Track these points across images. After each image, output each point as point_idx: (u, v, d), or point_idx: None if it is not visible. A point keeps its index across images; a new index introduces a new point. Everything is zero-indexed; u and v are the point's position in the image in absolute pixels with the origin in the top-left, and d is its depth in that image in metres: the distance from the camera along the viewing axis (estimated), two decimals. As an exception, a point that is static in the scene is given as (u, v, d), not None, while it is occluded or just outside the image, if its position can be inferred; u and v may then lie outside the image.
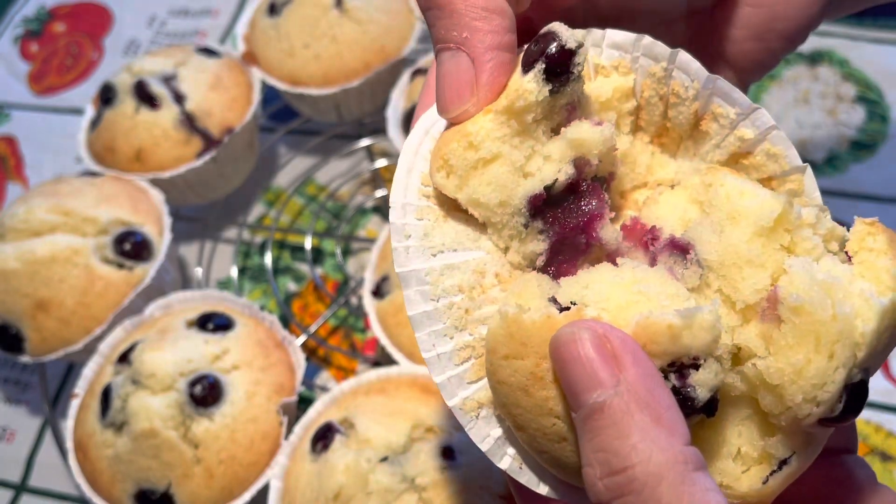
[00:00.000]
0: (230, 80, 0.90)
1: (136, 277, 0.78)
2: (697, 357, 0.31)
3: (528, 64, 0.36)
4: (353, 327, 0.87)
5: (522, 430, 0.34)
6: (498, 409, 0.35)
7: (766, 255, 0.33)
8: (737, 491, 0.34)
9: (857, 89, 0.98)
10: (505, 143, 0.36)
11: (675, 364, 0.31)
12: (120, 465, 0.67)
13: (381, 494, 0.59)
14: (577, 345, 0.31)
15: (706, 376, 0.31)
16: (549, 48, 0.35)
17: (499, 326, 0.33)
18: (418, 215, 0.37)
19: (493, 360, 0.34)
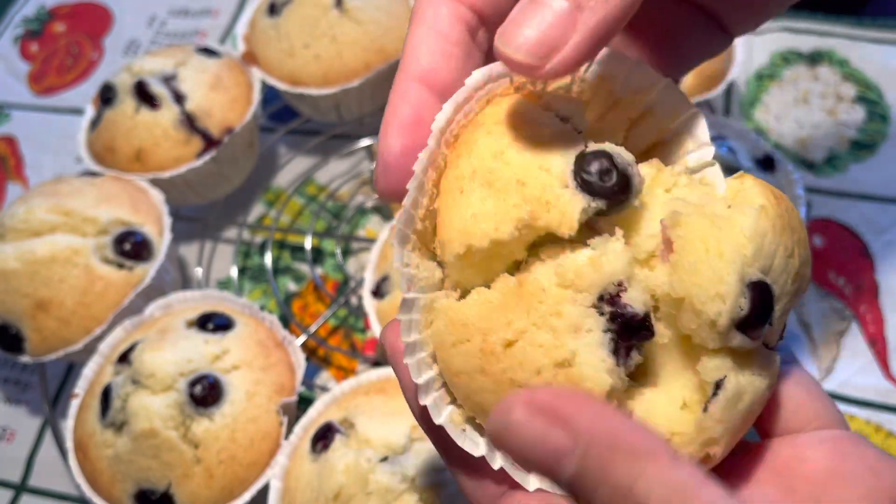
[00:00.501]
0: (230, 80, 0.90)
1: (136, 277, 0.78)
2: (621, 283, 0.32)
3: (588, 190, 0.33)
4: (353, 327, 0.87)
5: None
6: (468, 409, 0.35)
7: (653, 209, 0.35)
8: (686, 435, 0.33)
9: (857, 89, 0.98)
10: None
11: (604, 296, 0.32)
12: (120, 465, 0.67)
13: (381, 494, 0.59)
14: (517, 428, 0.28)
15: (635, 294, 0.33)
16: (614, 185, 0.33)
17: (439, 321, 0.34)
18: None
19: (444, 357, 0.34)
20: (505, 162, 0.34)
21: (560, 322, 0.32)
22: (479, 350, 0.33)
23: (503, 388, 0.33)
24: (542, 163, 0.33)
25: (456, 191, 0.34)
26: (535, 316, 0.33)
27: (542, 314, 0.32)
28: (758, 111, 0.97)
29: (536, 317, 0.33)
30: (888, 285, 0.83)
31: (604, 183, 0.33)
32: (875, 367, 0.78)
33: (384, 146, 0.35)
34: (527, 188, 0.33)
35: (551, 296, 0.33)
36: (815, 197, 0.89)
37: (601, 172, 0.33)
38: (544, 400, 0.29)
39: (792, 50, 1.02)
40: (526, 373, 0.32)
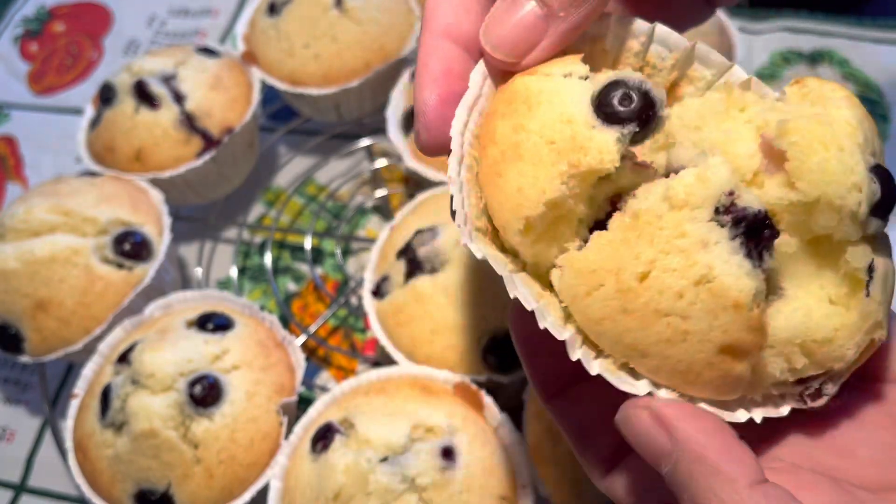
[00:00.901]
0: (230, 80, 0.90)
1: (135, 277, 0.78)
2: (731, 192, 0.32)
3: (611, 120, 0.34)
4: (353, 327, 0.87)
5: (648, 356, 0.34)
6: (619, 355, 0.35)
7: (738, 131, 0.35)
8: (850, 326, 0.34)
9: (858, 89, 0.97)
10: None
11: (719, 208, 0.32)
12: (120, 465, 0.67)
13: (381, 495, 0.59)
14: (634, 421, 0.33)
15: (748, 197, 0.33)
16: (636, 105, 0.34)
17: (566, 275, 0.34)
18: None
19: (580, 308, 0.34)
20: (527, 132, 0.34)
21: (686, 242, 0.32)
22: (615, 291, 0.33)
23: (650, 322, 0.33)
24: (561, 117, 0.34)
25: (494, 177, 0.35)
26: (660, 243, 0.33)
27: (667, 239, 0.33)
28: (758, 111, 0.97)
29: (662, 243, 0.33)
30: None
31: (626, 107, 0.34)
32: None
33: (421, 101, 0.37)
34: (557, 144, 0.34)
35: (669, 220, 0.33)
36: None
37: (621, 99, 0.34)
38: (660, 406, 0.33)
39: (792, 50, 1.02)
40: (668, 299, 0.32)
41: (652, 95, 0.34)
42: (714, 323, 0.32)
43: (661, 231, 0.33)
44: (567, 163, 0.33)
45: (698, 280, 0.32)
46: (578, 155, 0.33)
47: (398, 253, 0.75)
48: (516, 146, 0.34)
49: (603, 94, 0.34)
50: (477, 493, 0.61)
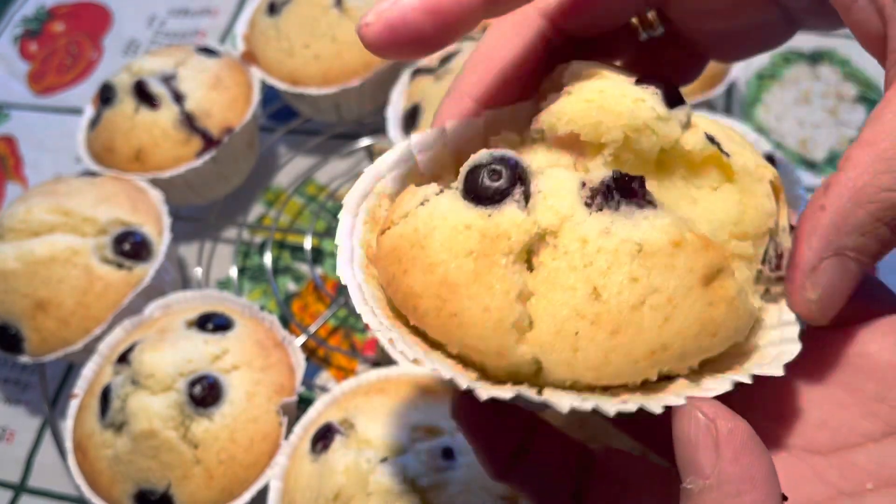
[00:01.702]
0: (230, 80, 0.90)
1: (135, 277, 0.78)
2: (582, 183, 0.34)
3: (494, 198, 0.33)
4: (353, 327, 0.87)
5: (669, 347, 0.32)
6: (641, 374, 0.34)
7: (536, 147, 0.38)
8: (747, 189, 0.37)
9: (858, 89, 0.97)
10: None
11: (587, 201, 0.34)
12: (119, 465, 0.67)
13: (381, 495, 0.59)
14: (689, 423, 0.30)
15: (595, 174, 0.35)
16: (506, 176, 0.34)
17: (544, 348, 0.33)
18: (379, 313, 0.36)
19: (576, 363, 0.33)
20: (443, 265, 0.33)
21: (593, 242, 0.33)
22: (590, 325, 0.32)
23: (637, 322, 0.32)
24: (455, 230, 0.34)
25: (448, 320, 0.33)
26: (579, 262, 0.33)
27: (581, 255, 0.33)
28: (759, 111, 0.97)
29: (581, 261, 0.33)
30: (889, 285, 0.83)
31: (496, 181, 0.34)
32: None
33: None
34: (476, 250, 0.33)
35: (565, 241, 0.33)
36: (816, 197, 0.89)
37: (489, 178, 0.34)
38: (721, 426, 0.30)
39: (793, 49, 1.02)
40: (630, 290, 0.32)
41: (512, 160, 0.34)
42: (678, 271, 0.32)
43: (571, 253, 0.32)
44: (501, 255, 0.32)
45: (634, 255, 0.32)
46: (502, 242, 0.32)
47: (398, 253, 0.75)
48: (444, 284, 0.33)
49: (469, 182, 0.34)
50: (477, 493, 0.61)
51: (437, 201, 0.34)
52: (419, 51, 0.33)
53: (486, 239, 0.32)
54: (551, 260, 0.32)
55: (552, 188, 0.33)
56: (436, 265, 0.33)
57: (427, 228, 0.34)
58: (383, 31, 0.32)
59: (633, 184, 0.33)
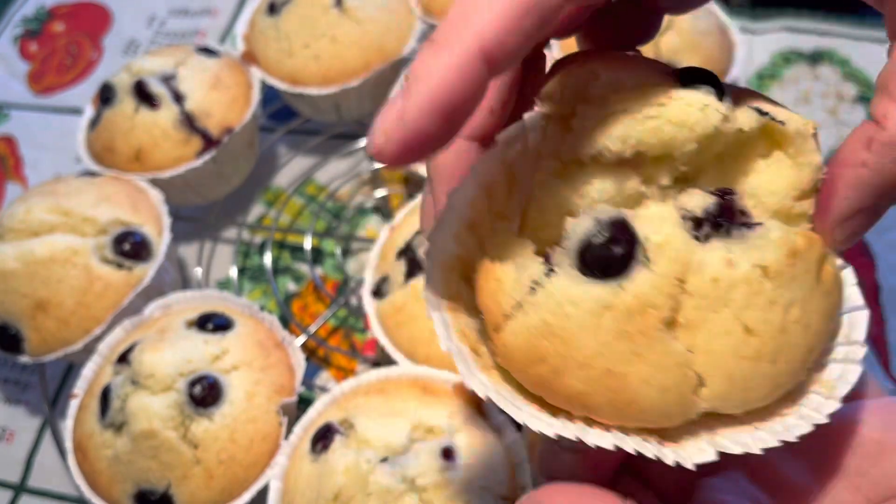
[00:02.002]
0: (230, 80, 0.90)
1: (135, 277, 0.78)
2: (683, 214, 0.33)
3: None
4: (352, 327, 0.87)
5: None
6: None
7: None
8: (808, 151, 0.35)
9: (858, 89, 0.97)
10: None
11: (697, 236, 0.32)
12: (119, 465, 0.67)
13: (380, 495, 0.59)
14: None
15: (693, 200, 0.33)
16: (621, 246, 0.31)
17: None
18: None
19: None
20: (602, 356, 0.32)
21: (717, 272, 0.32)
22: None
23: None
24: (626, 308, 0.32)
25: (615, 396, 0.32)
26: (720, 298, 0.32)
27: (717, 290, 0.32)
28: (758, 111, 0.97)
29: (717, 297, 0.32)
30: (889, 285, 0.83)
31: (613, 252, 0.31)
32: (876, 367, 0.78)
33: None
34: (627, 324, 0.31)
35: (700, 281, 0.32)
36: (816, 197, 0.89)
37: (602, 250, 0.31)
38: None
39: (793, 50, 1.02)
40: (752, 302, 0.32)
41: (619, 221, 0.32)
42: (800, 278, 0.32)
43: (709, 297, 0.31)
44: (655, 328, 0.31)
45: (763, 279, 0.31)
46: (649, 313, 0.31)
47: (398, 253, 0.75)
48: (610, 374, 0.31)
49: (587, 259, 0.31)
50: (477, 493, 0.61)
51: (553, 285, 0.31)
52: (436, 151, 0.33)
53: (633, 315, 0.31)
54: (694, 310, 0.31)
55: (659, 232, 0.31)
56: (592, 358, 0.31)
57: (560, 319, 0.31)
58: (398, 151, 0.30)
59: (732, 202, 0.32)
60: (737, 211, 0.33)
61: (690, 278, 0.31)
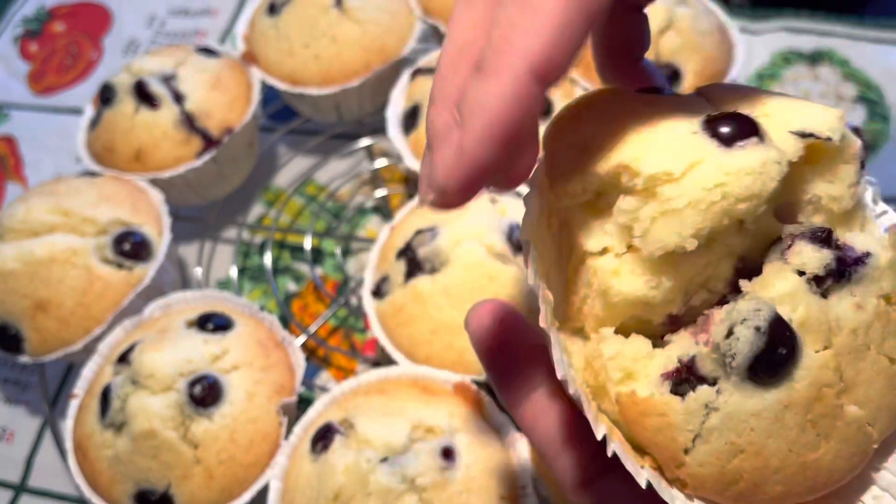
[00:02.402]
0: (230, 80, 0.90)
1: (135, 278, 0.78)
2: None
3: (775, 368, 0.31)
4: (352, 327, 0.87)
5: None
6: None
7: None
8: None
9: (858, 89, 0.97)
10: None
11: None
12: (119, 465, 0.67)
13: (380, 495, 0.59)
14: None
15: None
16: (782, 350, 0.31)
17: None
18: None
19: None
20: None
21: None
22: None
23: None
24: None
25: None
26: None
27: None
28: (758, 111, 0.97)
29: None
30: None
31: (778, 356, 0.31)
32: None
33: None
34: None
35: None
36: (816, 197, 0.89)
37: (767, 354, 0.31)
38: None
39: (792, 50, 1.02)
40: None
41: (772, 314, 0.31)
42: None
43: (861, 348, 0.32)
44: (833, 416, 0.31)
45: (891, 306, 0.33)
46: (825, 400, 0.31)
47: (398, 253, 0.75)
48: (812, 468, 0.32)
49: (755, 367, 0.31)
50: (477, 493, 0.61)
51: (728, 405, 0.31)
52: (497, 180, 0.32)
53: (812, 403, 0.31)
54: (849, 368, 0.32)
55: (797, 310, 0.31)
56: (785, 459, 0.31)
57: (746, 436, 0.31)
58: (463, 186, 0.29)
59: (843, 247, 0.32)
60: (848, 256, 0.32)
61: (835, 340, 0.31)
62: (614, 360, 0.32)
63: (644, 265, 0.32)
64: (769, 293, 0.31)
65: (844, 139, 0.34)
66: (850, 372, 0.31)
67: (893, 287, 0.32)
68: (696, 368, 0.32)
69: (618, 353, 0.32)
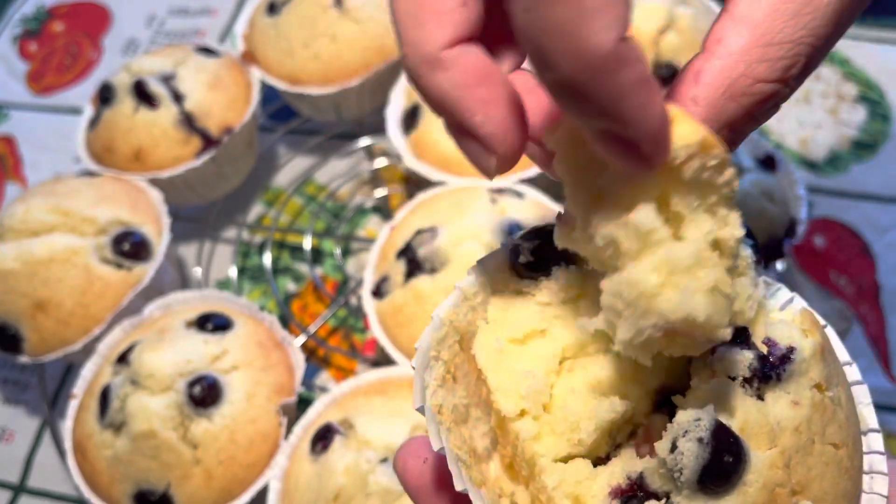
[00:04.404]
0: (229, 80, 0.90)
1: (134, 277, 0.78)
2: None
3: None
4: (352, 328, 0.87)
5: None
6: None
7: None
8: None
9: (859, 89, 0.97)
10: None
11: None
12: (119, 465, 0.67)
13: (380, 495, 0.59)
14: None
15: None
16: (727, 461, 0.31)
17: None
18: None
19: None
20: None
21: None
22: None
23: None
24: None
25: None
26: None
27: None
28: (758, 111, 0.97)
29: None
30: (890, 285, 0.83)
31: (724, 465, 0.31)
32: (877, 367, 0.78)
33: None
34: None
35: None
36: (817, 197, 0.89)
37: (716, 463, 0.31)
38: None
39: (793, 49, 1.02)
40: None
41: (724, 429, 0.31)
42: (837, 365, 0.35)
43: (806, 448, 0.32)
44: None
45: (816, 396, 0.33)
46: (776, 492, 0.31)
47: (398, 253, 0.75)
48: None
49: (703, 479, 0.30)
50: (477, 493, 0.61)
51: None
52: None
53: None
54: (799, 465, 0.32)
55: (736, 416, 0.31)
56: None
57: None
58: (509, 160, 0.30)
59: (766, 349, 0.33)
60: (773, 354, 0.32)
61: (779, 440, 0.31)
62: (558, 489, 0.32)
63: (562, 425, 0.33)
64: (704, 403, 0.31)
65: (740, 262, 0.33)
66: (800, 469, 0.32)
67: (821, 374, 0.32)
68: (646, 485, 0.31)
69: (560, 481, 0.32)
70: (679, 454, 0.30)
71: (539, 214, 0.75)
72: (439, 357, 0.35)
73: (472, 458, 0.34)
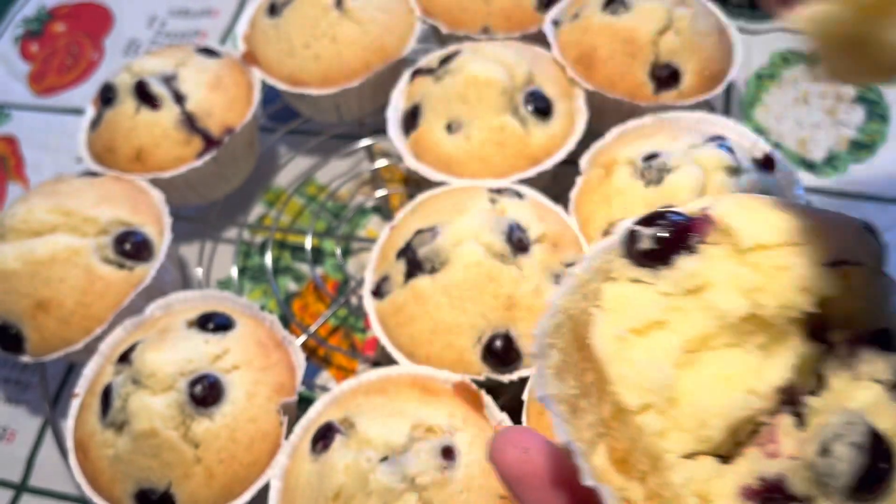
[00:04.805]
0: (230, 80, 0.90)
1: (136, 277, 0.78)
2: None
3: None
4: (353, 327, 0.87)
5: None
6: None
7: None
8: None
9: (857, 89, 0.98)
10: None
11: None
12: (120, 464, 0.67)
13: (381, 494, 0.59)
14: None
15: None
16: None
17: None
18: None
19: None
20: None
21: None
22: None
23: None
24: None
25: None
26: None
27: None
28: (757, 111, 0.97)
29: None
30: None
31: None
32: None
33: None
34: None
35: None
36: (815, 197, 0.89)
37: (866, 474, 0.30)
38: None
39: (791, 50, 1.02)
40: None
41: (876, 435, 0.30)
42: None
43: None
44: None
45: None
46: None
47: (398, 253, 0.75)
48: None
49: (858, 487, 0.29)
50: (477, 492, 0.61)
51: None
52: None
53: None
54: None
55: (882, 419, 0.30)
56: None
57: None
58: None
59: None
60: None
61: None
62: (686, 486, 0.30)
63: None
64: (853, 405, 0.30)
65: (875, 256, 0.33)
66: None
67: None
68: (786, 488, 0.30)
69: (688, 479, 0.31)
70: (834, 459, 0.29)
71: (539, 214, 0.75)
72: (555, 345, 0.35)
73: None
